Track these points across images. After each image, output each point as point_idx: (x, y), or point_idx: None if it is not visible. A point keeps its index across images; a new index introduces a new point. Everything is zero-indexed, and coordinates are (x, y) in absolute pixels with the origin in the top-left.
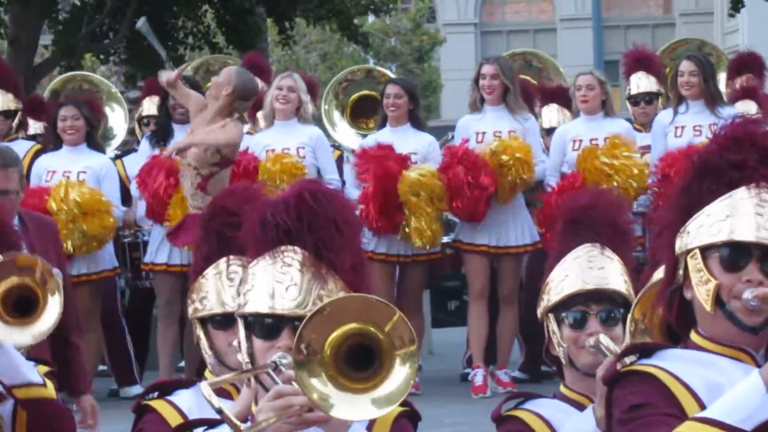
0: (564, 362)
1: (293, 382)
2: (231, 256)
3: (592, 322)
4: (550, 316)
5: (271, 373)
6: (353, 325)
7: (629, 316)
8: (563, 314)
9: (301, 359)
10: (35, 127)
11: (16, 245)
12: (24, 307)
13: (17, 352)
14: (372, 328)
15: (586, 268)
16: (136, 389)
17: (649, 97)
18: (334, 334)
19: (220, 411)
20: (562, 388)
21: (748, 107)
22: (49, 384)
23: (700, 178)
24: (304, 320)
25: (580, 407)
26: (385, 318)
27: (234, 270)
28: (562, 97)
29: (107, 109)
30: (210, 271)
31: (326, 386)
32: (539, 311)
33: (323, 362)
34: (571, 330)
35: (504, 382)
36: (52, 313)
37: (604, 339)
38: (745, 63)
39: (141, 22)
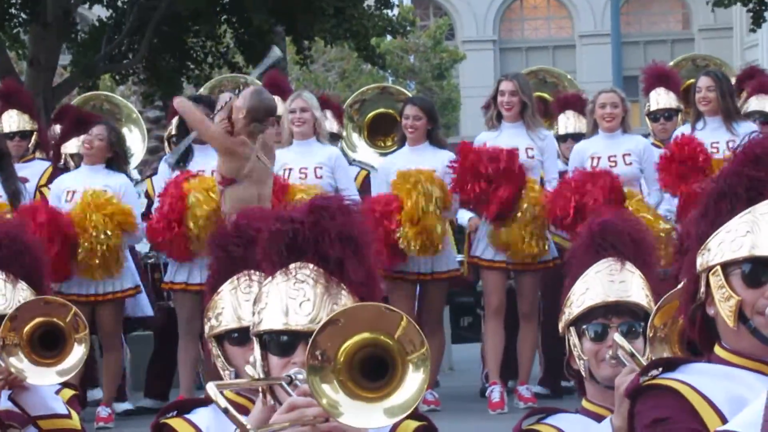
0: (585, 375)
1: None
2: (246, 271)
3: (613, 335)
4: (571, 329)
5: (285, 385)
6: (366, 335)
7: (649, 322)
8: (584, 327)
9: (314, 365)
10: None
11: (40, 269)
12: (50, 342)
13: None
14: (383, 337)
15: (607, 282)
16: (125, 405)
17: (668, 113)
18: (348, 344)
19: (226, 410)
20: (583, 402)
21: (762, 103)
22: (74, 414)
23: (720, 197)
24: (318, 328)
25: (602, 420)
26: (394, 325)
27: (249, 285)
28: (578, 104)
29: (125, 130)
30: (225, 287)
31: (337, 393)
32: (560, 325)
33: (336, 369)
34: (591, 343)
35: (525, 398)
36: (76, 357)
37: (618, 338)
38: (749, 75)
39: (275, 51)
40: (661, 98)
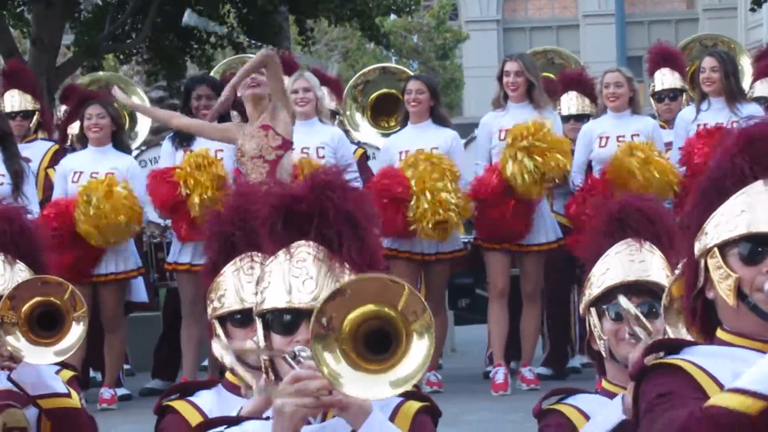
0: (605, 355)
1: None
2: (249, 253)
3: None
4: (592, 310)
5: (289, 359)
6: (371, 307)
7: (666, 291)
8: (604, 307)
9: (319, 333)
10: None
11: (38, 250)
12: (48, 323)
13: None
14: (387, 309)
15: (627, 262)
16: (120, 391)
17: (673, 94)
18: (353, 315)
19: (231, 369)
20: (603, 383)
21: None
22: (74, 393)
23: (714, 185)
24: (326, 296)
25: None
26: (397, 295)
27: (252, 266)
28: (583, 84)
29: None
30: (228, 269)
31: (339, 363)
32: (581, 306)
33: (340, 339)
34: (612, 323)
35: (528, 380)
36: (74, 336)
37: (623, 302)
38: (763, 56)
39: (187, 17)
40: (666, 78)
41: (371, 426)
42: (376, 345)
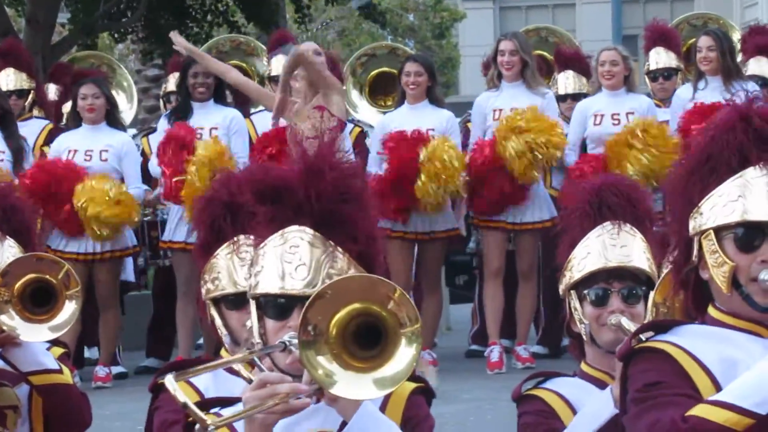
0: (585, 339)
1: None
2: (242, 236)
3: (614, 300)
4: (572, 293)
5: (256, 359)
6: (357, 305)
7: (650, 299)
8: (585, 291)
9: (306, 340)
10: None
11: (29, 227)
12: (41, 300)
13: None
14: (375, 307)
15: (609, 246)
16: (116, 369)
17: (668, 73)
18: (339, 315)
19: (185, 406)
20: (583, 366)
21: (761, 66)
22: (65, 369)
23: (708, 158)
24: (307, 303)
25: (602, 385)
26: (387, 296)
27: (245, 249)
28: (579, 63)
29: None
30: (222, 251)
31: (331, 364)
32: (561, 288)
33: (329, 342)
34: (592, 307)
35: (523, 358)
36: (67, 313)
37: (625, 322)
38: (755, 34)
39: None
40: (661, 57)
41: (362, 417)
42: (365, 340)
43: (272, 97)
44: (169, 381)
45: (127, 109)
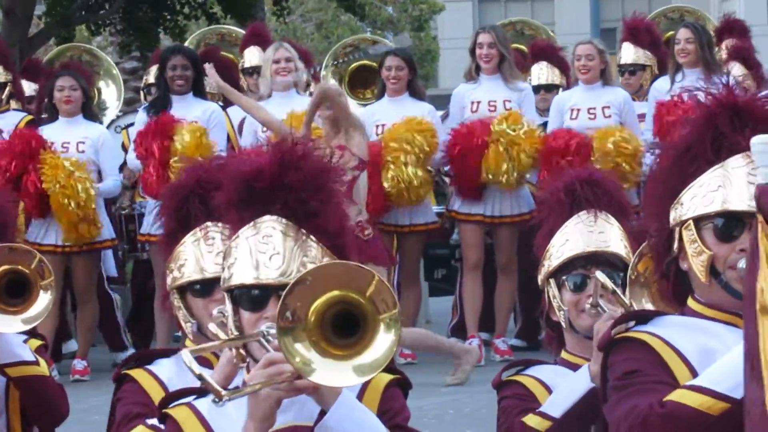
0: (564, 326)
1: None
2: (209, 222)
3: (593, 286)
4: (551, 281)
5: (262, 340)
6: (335, 293)
7: (631, 265)
8: (564, 278)
9: (285, 326)
10: (31, 89)
11: (6, 222)
12: (16, 291)
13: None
14: (354, 294)
15: (587, 233)
16: (127, 353)
17: (632, 69)
18: (318, 302)
19: (200, 377)
20: (563, 353)
21: (733, 69)
22: (42, 361)
23: (686, 152)
24: (287, 289)
25: None
26: (365, 283)
27: (212, 235)
28: (552, 54)
29: (102, 84)
30: (188, 239)
31: (309, 352)
32: (540, 277)
33: (307, 329)
34: (571, 294)
35: (502, 351)
36: (41, 304)
37: (600, 275)
38: (729, 28)
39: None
40: (628, 53)
41: (341, 406)
42: (343, 328)
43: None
44: (186, 354)
45: (115, 105)
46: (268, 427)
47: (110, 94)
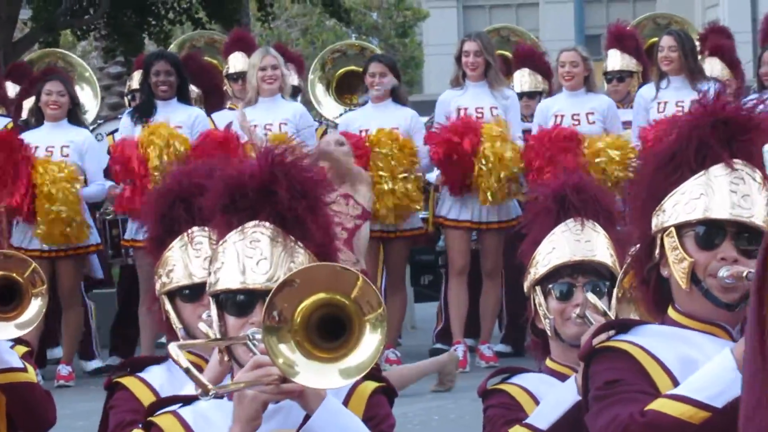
0: (550, 334)
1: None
2: (195, 227)
3: (579, 294)
4: (537, 288)
5: (249, 344)
6: (322, 295)
7: (617, 282)
8: (550, 286)
9: (270, 325)
10: (14, 91)
11: None
12: (8, 298)
13: None
14: (339, 297)
15: (573, 241)
16: (95, 363)
17: (620, 75)
18: (304, 304)
19: (187, 370)
20: (548, 362)
21: (713, 65)
22: (29, 368)
23: (670, 160)
24: (275, 288)
25: (566, 379)
26: (350, 284)
27: (199, 240)
28: (535, 60)
29: (77, 88)
30: (176, 244)
31: (294, 353)
32: (526, 285)
33: (293, 330)
34: (557, 302)
35: (487, 357)
36: (33, 311)
37: (591, 297)
38: (712, 35)
39: None
40: (615, 60)
41: (326, 410)
42: (329, 332)
43: None
44: (173, 348)
45: (93, 105)
46: (253, 429)
47: (86, 96)
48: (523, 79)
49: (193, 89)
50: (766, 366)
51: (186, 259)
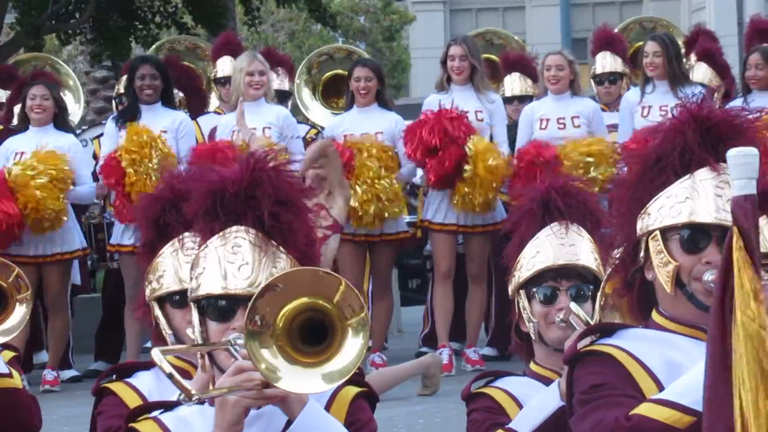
0: (534, 338)
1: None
2: (186, 233)
3: (562, 298)
4: (521, 292)
5: (231, 349)
6: (305, 300)
7: (600, 290)
8: (534, 290)
9: (253, 330)
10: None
11: None
12: None
13: None
14: (322, 301)
15: (557, 245)
16: (70, 373)
17: (613, 77)
18: (287, 309)
19: (170, 376)
20: (531, 365)
21: (700, 71)
22: (15, 374)
23: (655, 163)
24: (257, 293)
25: (550, 383)
26: (333, 289)
27: (189, 246)
28: (524, 65)
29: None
30: (167, 249)
31: (276, 358)
32: (510, 288)
33: (275, 335)
34: (541, 306)
35: (473, 360)
36: (17, 317)
37: (574, 307)
38: (697, 39)
39: None
40: (607, 62)
41: (308, 415)
42: (311, 336)
43: None
44: (156, 354)
45: (76, 110)
46: None
47: (68, 100)
48: (513, 83)
49: (176, 93)
50: (725, 345)
51: (176, 265)
